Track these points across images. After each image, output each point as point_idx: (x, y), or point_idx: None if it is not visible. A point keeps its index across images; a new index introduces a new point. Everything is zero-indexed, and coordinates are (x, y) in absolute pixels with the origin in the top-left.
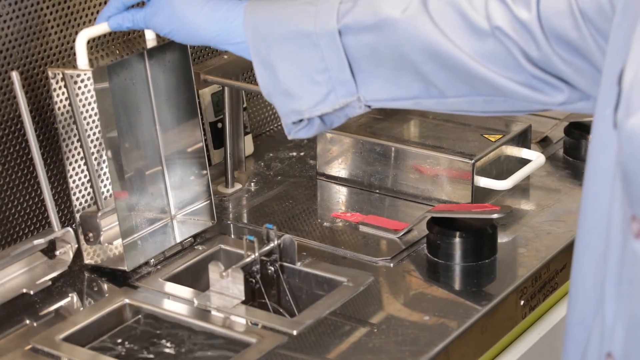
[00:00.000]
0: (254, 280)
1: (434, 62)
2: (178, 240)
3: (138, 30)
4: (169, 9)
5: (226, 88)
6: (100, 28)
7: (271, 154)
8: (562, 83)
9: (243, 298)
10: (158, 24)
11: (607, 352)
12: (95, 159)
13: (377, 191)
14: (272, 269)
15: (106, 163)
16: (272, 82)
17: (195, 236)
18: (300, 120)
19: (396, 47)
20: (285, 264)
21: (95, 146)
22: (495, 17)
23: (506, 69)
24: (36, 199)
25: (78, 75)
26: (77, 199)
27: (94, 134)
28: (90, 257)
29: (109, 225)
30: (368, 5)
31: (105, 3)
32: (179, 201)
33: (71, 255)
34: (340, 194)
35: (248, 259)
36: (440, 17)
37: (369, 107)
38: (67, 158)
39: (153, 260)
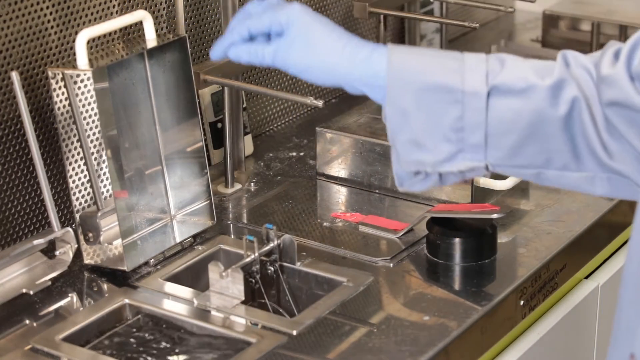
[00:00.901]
0: (253, 280)
1: (566, 132)
2: (178, 240)
3: (139, 30)
4: (306, 47)
5: (226, 88)
6: (100, 28)
7: (271, 154)
8: None
9: (243, 298)
10: (291, 59)
11: (631, 353)
12: (95, 159)
13: (377, 191)
14: (272, 269)
15: (106, 163)
16: (401, 128)
17: (195, 236)
18: (417, 173)
19: (539, 113)
20: (285, 264)
21: (95, 146)
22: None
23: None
24: (36, 199)
25: (78, 75)
26: (77, 199)
27: (94, 134)
28: (90, 257)
29: (109, 225)
30: (515, 69)
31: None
32: (178, 201)
33: (71, 255)
34: (340, 194)
35: (248, 259)
36: (581, 83)
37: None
38: (67, 158)
39: (153, 260)
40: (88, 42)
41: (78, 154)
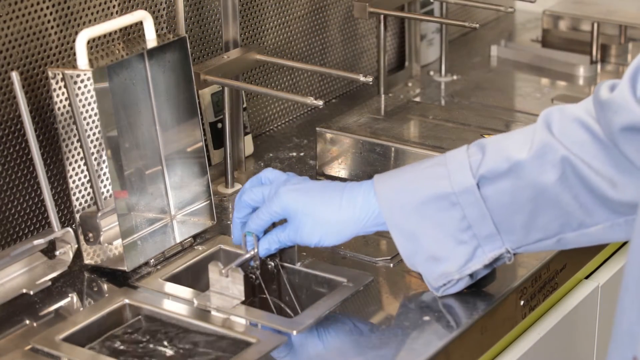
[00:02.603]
0: (253, 276)
1: (567, 194)
2: (178, 241)
3: (139, 30)
4: (310, 220)
5: (226, 88)
6: (100, 28)
7: (271, 154)
8: None
9: (243, 298)
10: (304, 236)
11: (634, 355)
12: (95, 159)
13: None
14: (272, 264)
15: (106, 163)
16: (415, 250)
17: (195, 236)
18: (449, 281)
19: (534, 186)
20: (285, 264)
21: (95, 146)
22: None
23: None
24: (36, 199)
25: (78, 75)
26: (77, 199)
27: (94, 134)
28: (90, 257)
29: (109, 226)
30: (496, 152)
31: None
32: (178, 201)
33: (71, 255)
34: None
35: (247, 255)
36: (566, 137)
37: (514, 255)
38: (67, 158)
39: (153, 260)
40: (88, 42)
41: (78, 154)
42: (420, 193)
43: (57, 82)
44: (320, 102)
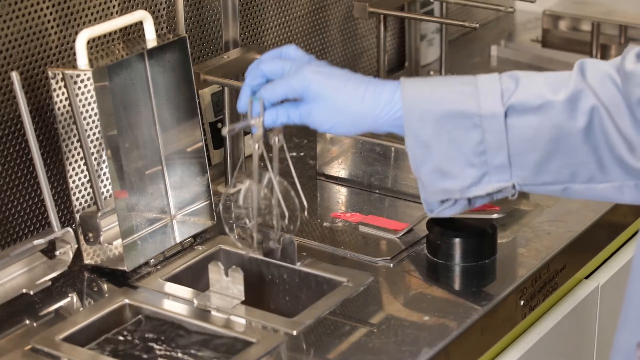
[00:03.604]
0: (257, 146)
1: (588, 144)
2: (178, 241)
3: (139, 30)
4: (328, 105)
5: (226, 88)
6: (100, 28)
7: (271, 154)
8: None
9: (243, 298)
10: (317, 120)
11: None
12: (95, 159)
13: (377, 191)
14: (277, 139)
15: (106, 163)
16: (425, 160)
17: (195, 236)
18: (446, 200)
19: (559, 128)
20: (285, 264)
21: (95, 146)
22: None
23: None
24: (36, 199)
25: (78, 75)
26: (77, 199)
27: (94, 134)
28: (90, 257)
29: (109, 226)
30: (530, 86)
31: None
32: (178, 201)
33: (71, 255)
34: (340, 194)
35: (252, 121)
36: (599, 88)
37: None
38: (67, 158)
39: (153, 260)
40: (88, 42)
41: (78, 154)
42: (444, 106)
43: (57, 82)
44: None
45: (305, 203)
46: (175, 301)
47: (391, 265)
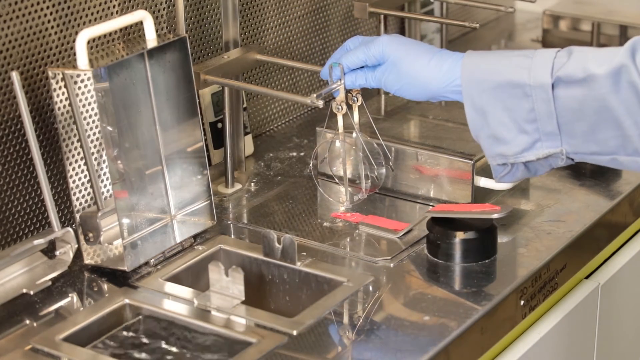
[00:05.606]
0: (341, 108)
1: (630, 117)
2: (178, 241)
3: (139, 30)
4: (398, 69)
5: (226, 88)
6: (100, 28)
7: (271, 154)
8: None
9: (243, 298)
10: (389, 82)
11: None
12: (95, 159)
13: (377, 191)
14: (357, 98)
15: (106, 163)
16: (481, 125)
17: (195, 236)
18: (504, 164)
19: (603, 101)
20: (285, 264)
21: (95, 146)
22: None
23: None
24: (36, 199)
25: (78, 75)
26: (77, 199)
27: (94, 134)
28: (90, 257)
29: (109, 225)
30: (578, 60)
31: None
32: (179, 201)
33: (71, 255)
34: (340, 194)
35: (334, 85)
36: None
37: (572, 160)
38: (67, 158)
39: (153, 260)
40: (88, 42)
41: (78, 154)
42: (500, 76)
43: (57, 82)
44: (320, 102)
45: (389, 154)
46: (175, 301)
47: (391, 265)
